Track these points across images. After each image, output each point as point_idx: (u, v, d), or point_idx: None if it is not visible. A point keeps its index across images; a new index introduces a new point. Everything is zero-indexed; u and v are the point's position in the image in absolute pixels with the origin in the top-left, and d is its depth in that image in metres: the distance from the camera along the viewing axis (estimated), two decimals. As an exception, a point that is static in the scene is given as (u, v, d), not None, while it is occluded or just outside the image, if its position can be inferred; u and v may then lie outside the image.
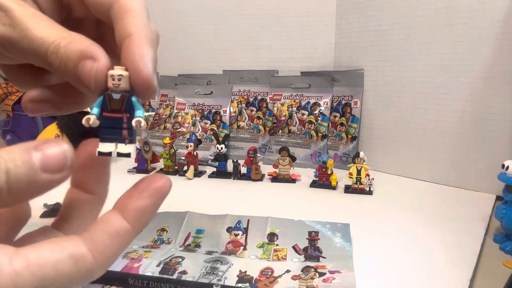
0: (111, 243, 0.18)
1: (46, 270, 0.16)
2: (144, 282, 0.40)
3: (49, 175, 0.16)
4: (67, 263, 0.16)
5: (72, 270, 0.16)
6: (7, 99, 1.01)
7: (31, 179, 0.16)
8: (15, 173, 0.16)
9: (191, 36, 1.03)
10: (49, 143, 0.17)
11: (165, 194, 0.19)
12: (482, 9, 0.65)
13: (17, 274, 0.15)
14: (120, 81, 0.18)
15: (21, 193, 0.16)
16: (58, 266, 0.16)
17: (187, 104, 0.97)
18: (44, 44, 0.18)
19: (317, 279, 0.42)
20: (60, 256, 0.16)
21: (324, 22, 0.88)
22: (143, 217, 0.19)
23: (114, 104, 0.18)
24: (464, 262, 0.46)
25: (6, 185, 0.16)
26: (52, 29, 0.18)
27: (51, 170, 0.16)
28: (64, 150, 0.17)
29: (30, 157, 0.16)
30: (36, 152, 0.16)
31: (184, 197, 0.70)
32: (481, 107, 0.68)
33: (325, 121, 0.87)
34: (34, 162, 0.16)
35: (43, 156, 0.16)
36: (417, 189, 0.72)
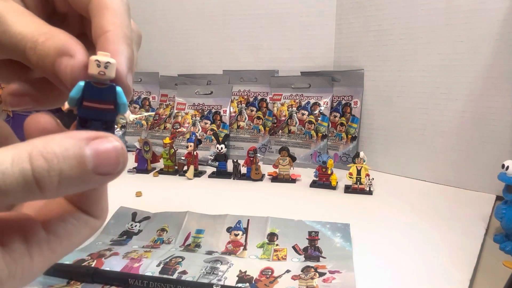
0: (106, 203, 0.19)
1: (73, 241, 0.17)
2: (144, 282, 0.40)
3: (101, 177, 0.16)
4: (86, 231, 0.18)
5: (88, 234, 0.18)
6: (7, 99, 1.01)
7: (82, 181, 0.15)
8: (68, 175, 0.15)
9: (191, 36, 1.03)
10: (103, 137, 0.16)
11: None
12: (482, 9, 0.65)
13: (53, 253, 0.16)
14: (107, 69, 0.17)
15: (66, 192, 0.16)
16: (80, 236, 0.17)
17: (187, 104, 0.97)
18: (23, 40, 0.17)
19: (317, 279, 0.42)
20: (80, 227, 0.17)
21: (324, 22, 0.88)
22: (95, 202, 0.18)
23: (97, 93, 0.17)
24: (464, 262, 0.46)
25: (56, 188, 0.15)
26: (31, 24, 0.18)
27: (104, 171, 0.16)
28: (118, 148, 0.16)
29: (84, 155, 0.15)
30: (90, 148, 0.15)
31: (184, 197, 0.70)
32: (481, 107, 0.68)
33: (325, 121, 0.87)
34: (87, 163, 0.15)
35: (96, 154, 0.15)
36: (417, 189, 0.72)
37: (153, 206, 0.58)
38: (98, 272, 0.43)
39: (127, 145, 1.01)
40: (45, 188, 0.14)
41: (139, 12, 1.07)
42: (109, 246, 0.50)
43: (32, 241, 0.15)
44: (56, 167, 0.14)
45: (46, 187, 0.14)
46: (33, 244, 0.15)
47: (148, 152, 0.83)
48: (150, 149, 0.83)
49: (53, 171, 0.14)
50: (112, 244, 0.51)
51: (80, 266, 0.45)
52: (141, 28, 0.89)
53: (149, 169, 0.84)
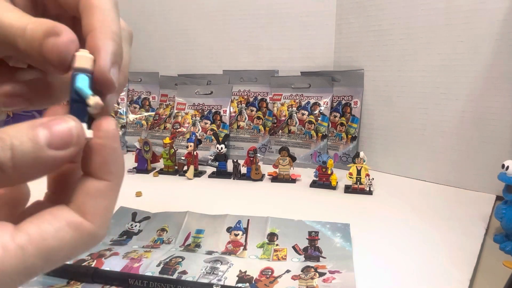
0: (96, 202, 0.18)
1: (49, 241, 0.16)
2: (144, 282, 0.40)
3: (55, 152, 0.16)
4: (68, 231, 0.17)
5: (73, 237, 0.17)
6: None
7: (37, 155, 0.16)
8: (20, 150, 0.16)
9: (191, 36, 1.03)
10: (56, 119, 0.17)
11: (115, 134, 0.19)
12: (482, 9, 0.65)
13: (22, 249, 0.16)
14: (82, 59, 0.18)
15: (27, 170, 0.16)
16: (59, 235, 0.16)
17: (187, 104, 0.97)
18: (13, 29, 0.18)
19: (317, 279, 0.42)
20: (58, 225, 0.17)
21: (324, 22, 0.88)
22: (111, 167, 0.18)
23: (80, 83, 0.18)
24: (464, 262, 0.46)
25: (10, 161, 0.16)
26: (22, 17, 0.18)
27: (57, 146, 0.16)
28: (71, 127, 0.17)
29: (36, 133, 0.16)
30: (43, 129, 0.16)
31: (184, 197, 0.70)
32: (481, 107, 0.68)
33: (325, 121, 0.87)
34: (40, 139, 0.16)
35: (49, 133, 0.16)
36: (417, 189, 0.72)
37: (153, 206, 0.58)
38: (98, 272, 0.43)
39: (127, 145, 1.01)
40: (2, 164, 0.15)
41: (139, 12, 1.07)
42: (109, 246, 0.50)
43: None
44: (7, 142, 0.16)
45: (2, 163, 0.15)
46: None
47: (148, 152, 0.83)
48: (150, 149, 0.83)
49: (5, 145, 0.15)
50: (112, 244, 0.51)
51: (80, 266, 0.45)
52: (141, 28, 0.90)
53: (149, 169, 0.84)
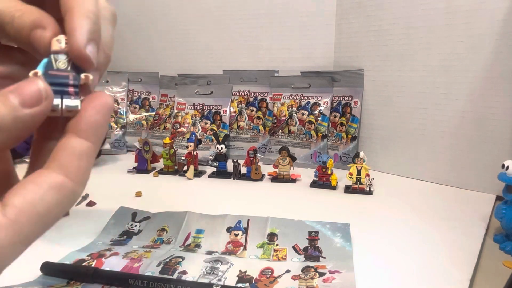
0: (79, 163, 0.19)
1: (37, 207, 0.17)
2: (144, 282, 0.40)
3: (30, 109, 0.18)
4: (52, 194, 0.18)
5: (58, 198, 0.18)
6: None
7: (15, 115, 0.17)
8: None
9: (191, 36, 1.03)
10: (22, 83, 0.18)
11: (111, 107, 0.20)
12: (482, 9, 0.65)
13: (13, 222, 0.16)
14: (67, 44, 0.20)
15: (10, 132, 0.17)
16: (45, 200, 0.17)
17: (187, 104, 0.97)
18: (1, 15, 0.20)
19: (317, 279, 0.42)
20: (42, 191, 0.17)
21: (324, 22, 0.88)
22: (98, 132, 0.20)
23: (60, 63, 0.20)
24: (464, 262, 0.46)
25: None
26: (9, 2, 0.20)
27: (31, 104, 0.18)
28: (38, 84, 0.18)
29: (8, 98, 0.18)
30: (12, 94, 0.18)
31: (184, 197, 0.70)
32: (481, 107, 0.68)
33: (325, 121, 0.87)
34: (12, 102, 0.17)
35: (19, 95, 0.18)
36: (417, 189, 0.72)
37: (153, 206, 0.58)
38: (98, 272, 0.43)
39: (127, 145, 1.01)
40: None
41: (139, 12, 1.07)
42: (109, 246, 0.50)
43: None
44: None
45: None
46: None
47: (148, 152, 0.83)
48: (150, 149, 0.83)
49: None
50: (112, 244, 0.51)
51: (80, 266, 0.45)
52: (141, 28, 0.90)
53: (149, 169, 0.84)
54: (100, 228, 0.54)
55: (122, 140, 1.01)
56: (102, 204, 0.64)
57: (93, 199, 0.65)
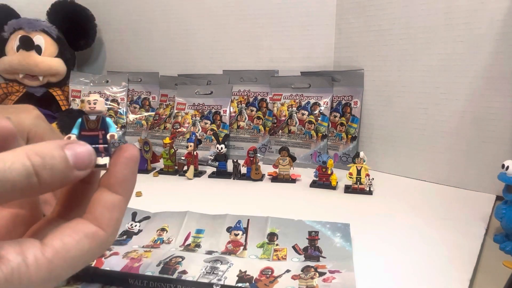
0: (111, 215, 0.21)
1: (72, 252, 0.19)
2: (144, 282, 0.40)
3: (79, 172, 0.20)
4: (86, 242, 0.19)
5: (91, 246, 0.20)
6: (7, 99, 1.01)
7: (66, 175, 0.19)
8: (57, 170, 0.19)
9: (191, 36, 1.03)
10: (74, 143, 0.20)
11: (137, 160, 0.22)
12: (482, 9, 0.65)
13: (50, 262, 0.18)
14: (96, 104, 0.22)
15: (56, 184, 0.19)
16: (79, 246, 0.19)
17: (187, 104, 0.97)
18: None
19: (317, 279, 0.42)
20: (78, 237, 0.19)
21: (324, 22, 0.88)
22: (127, 185, 0.22)
23: (90, 124, 0.22)
24: (464, 262, 0.46)
25: (50, 179, 0.18)
26: None
27: (81, 167, 0.20)
28: (90, 150, 0.20)
29: (64, 154, 0.19)
30: (68, 150, 0.19)
31: (184, 197, 0.70)
32: (481, 107, 0.68)
33: (325, 121, 0.87)
34: (69, 160, 0.19)
35: (74, 154, 0.19)
36: (417, 189, 0.72)
37: (153, 206, 0.58)
38: (98, 272, 0.43)
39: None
40: (42, 179, 0.18)
41: (139, 12, 1.07)
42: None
43: (27, 252, 0.18)
44: (49, 162, 0.18)
45: (42, 179, 0.18)
46: (29, 255, 0.18)
47: (148, 152, 0.83)
48: (150, 149, 0.83)
49: (47, 165, 0.18)
50: (112, 244, 0.51)
51: (80, 266, 0.45)
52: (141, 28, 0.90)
53: (149, 169, 0.84)
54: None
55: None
56: (102, 204, 0.64)
57: (93, 199, 0.65)
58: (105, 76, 1.09)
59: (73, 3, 1.07)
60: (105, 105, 0.21)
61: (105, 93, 1.05)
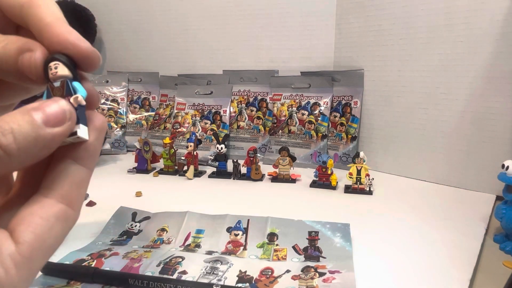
0: (80, 191, 0.19)
1: (47, 241, 0.18)
2: (144, 282, 0.40)
3: (53, 129, 0.18)
4: (57, 225, 0.18)
5: (62, 228, 0.18)
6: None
7: (37, 134, 0.17)
8: (20, 132, 0.17)
9: (191, 36, 1.03)
10: (46, 102, 0.18)
11: (105, 129, 0.21)
12: (482, 9, 0.65)
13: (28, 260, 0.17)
14: (57, 69, 0.19)
15: (30, 151, 0.17)
16: (52, 232, 0.18)
17: (187, 104, 0.97)
18: None
19: (317, 279, 0.42)
20: (49, 224, 0.18)
21: (324, 22, 0.88)
22: (96, 158, 0.20)
23: (56, 91, 0.19)
24: (464, 262, 0.46)
25: (14, 144, 0.17)
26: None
27: (54, 124, 0.18)
28: (62, 105, 0.18)
29: (32, 116, 0.17)
30: (36, 112, 0.17)
31: (184, 197, 0.70)
32: (481, 107, 0.68)
33: (325, 121, 0.87)
34: (36, 120, 0.17)
35: (43, 114, 0.17)
36: (417, 189, 0.72)
37: (153, 206, 0.58)
38: (98, 272, 0.43)
39: (127, 145, 1.01)
40: (7, 148, 0.16)
41: (139, 12, 1.07)
42: (109, 246, 0.50)
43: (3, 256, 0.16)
44: (7, 127, 0.17)
45: (7, 147, 0.16)
46: (6, 259, 0.16)
47: (148, 152, 0.83)
48: (150, 149, 0.83)
49: (5, 130, 0.16)
50: (112, 244, 0.51)
51: (80, 266, 0.45)
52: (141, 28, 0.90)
53: (149, 169, 0.84)
54: (100, 228, 0.54)
55: (122, 140, 1.01)
56: (102, 204, 0.64)
57: (93, 199, 0.65)
58: (105, 76, 1.08)
59: (73, 3, 1.07)
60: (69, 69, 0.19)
61: (105, 93, 1.05)
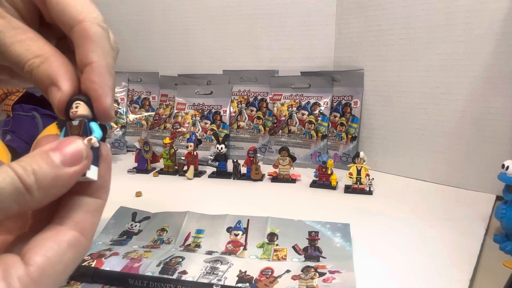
0: (93, 220, 0.20)
1: (56, 266, 0.18)
2: (144, 282, 0.40)
3: (70, 168, 0.18)
4: (69, 252, 0.19)
5: (74, 255, 0.19)
6: (7, 99, 1.01)
7: (56, 174, 0.18)
8: (41, 173, 0.18)
9: (191, 36, 1.03)
10: (64, 142, 0.19)
11: (110, 160, 0.21)
12: (482, 9, 0.65)
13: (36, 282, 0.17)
14: (78, 108, 0.20)
15: (50, 189, 0.18)
16: (63, 258, 0.18)
17: (187, 104, 0.97)
18: (21, 61, 0.20)
19: (317, 279, 0.42)
20: (61, 249, 0.18)
21: (324, 22, 0.88)
22: (108, 188, 0.21)
23: (73, 130, 0.20)
24: (464, 262, 0.46)
25: (35, 184, 0.17)
26: (28, 46, 0.20)
27: (71, 163, 0.18)
28: (79, 145, 0.19)
29: (50, 157, 0.18)
30: (54, 152, 0.18)
31: (184, 197, 0.70)
32: (481, 107, 0.68)
33: (325, 121, 0.87)
34: (55, 161, 0.18)
35: (61, 155, 0.18)
36: (417, 189, 0.72)
37: (153, 206, 0.58)
38: (98, 272, 0.43)
39: (127, 145, 1.01)
40: (30, 188, 0.17)
41: (139, 12, 1.07)
42: (109, 246, 0.50)
43: (11, 277, 0.17)
44: (29, 168, 0.17)
45: (29, 187, 0.17)
46: (13, 280, 0.17)
47: (148, 152, 0.83)
48: (150, 149, 0.83)
49: (28, 171, 0.17)
50: (112, 244, 0.51)
51: (80, 266, 0.45)
52: (141, 28, 0.91)
53: (149, 169, 0.84)
54: (100, 228, 0.54)
55: (122, 140, 1.01)
56: (102, 204, 0.64)
57: (93, 199, 0.65)
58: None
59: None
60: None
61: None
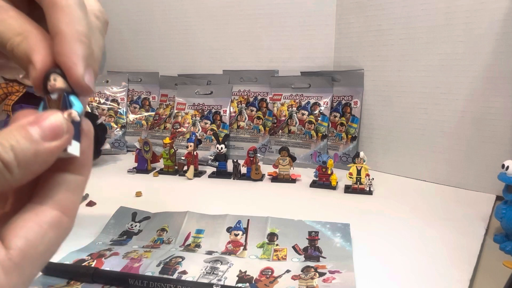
0: (74, 198, 0.19)
1: (38, 248, 0.17)
2: (144, 282, 0.40)
3: (51, 143, 0.18)
4: (51, 233, 0.18)
5: (56, 236, 0.18)
6: (7, 99, 1.01)
7: (36, 150, 0.17)
8: (20, 148, 0.17)
9: (191, 36, 1.03)
10: (42, 115, 0.18)
11: (92, 135, 0.20)
12: (482, 9, 0.65)
13: (18, 266, 0.17)
14: (56, 81, 0.19)
15: (30, 166, 0.17)
16: (45, 239, 0.18)
17: (187, 104, 0.97)
18: (3, 41, 0.19)
19: (317, 279, 0.42)
20: (43, 230, 0.18)
21: (324, 22, 0.88)
22: (90, 164, 0.20)
23: (52, 104, 0.19)
24: (464, 262, 0.46)
25: (15, 160, 0.17)
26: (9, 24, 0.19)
27: (51, 138, 0.18)
28: (58, 119, 0.18)
29: (28, 131, 0.17)
30: (32, 126, 0.17)
31: (184, 197, 0.70)
32: (481, 107, 0.68)
33: (325, 121, 0.87)
34: (33, 135, 0.17)
35: (40, 128, 0.17)
36: (417, 189, 0.72)
37: (153, 206, 0.58)
38: (98, 272, 0.43)
39: (127, 145, 1.01)
40: (9, 165, 0.16)
41: (139, 12, 1.07)
42: (109, 246, 0.50)
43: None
44: (6, 144, 0.17)
45: (8, 164, 0.16)
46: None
47: (148, 152, 0.83)
48: (150, 149, 0.83)
49: (6, 148, 0.16)
50: (112, 244, 0.51)
51: (80, 266, 0.45)
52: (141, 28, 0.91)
53: (149, 169, 0.84)
54: (100, 228, 0.54)
55: (122, 140, 1.01)
56: (102, 204, 0.64)
57: (93, 199, 0.65)
58: (105, 76, 1.08)
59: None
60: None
61: (105, 93, 1.05)
